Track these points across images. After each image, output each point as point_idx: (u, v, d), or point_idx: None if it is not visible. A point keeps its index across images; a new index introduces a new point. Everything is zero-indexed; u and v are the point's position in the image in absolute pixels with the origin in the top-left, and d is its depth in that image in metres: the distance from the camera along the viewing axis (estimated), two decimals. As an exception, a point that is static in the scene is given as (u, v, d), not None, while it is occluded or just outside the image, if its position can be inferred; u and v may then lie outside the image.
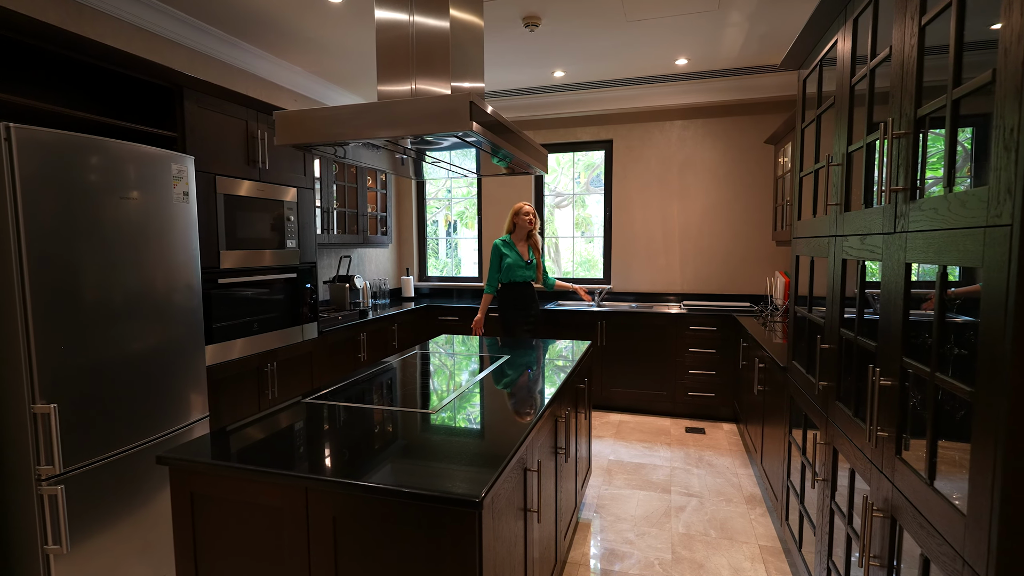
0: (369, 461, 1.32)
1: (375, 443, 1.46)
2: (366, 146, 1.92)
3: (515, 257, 3.74)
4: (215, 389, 2.58)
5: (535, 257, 3.79)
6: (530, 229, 3.76)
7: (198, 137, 2.50)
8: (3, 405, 1.77)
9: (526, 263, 3.75)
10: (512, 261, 3.73)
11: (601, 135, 4.79)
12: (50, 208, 1.77)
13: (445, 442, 1.46)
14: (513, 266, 3.74)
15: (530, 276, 3.78)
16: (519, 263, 3.75)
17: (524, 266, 3.76)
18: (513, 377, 2.16)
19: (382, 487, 1.17)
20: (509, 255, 3.75)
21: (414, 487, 1.16)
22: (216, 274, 2.61)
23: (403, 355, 2.53)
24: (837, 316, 1.67)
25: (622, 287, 4.85)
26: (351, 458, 1.36)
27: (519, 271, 3.75)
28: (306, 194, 3.25)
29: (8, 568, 1.83)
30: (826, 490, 1.74)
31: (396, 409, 1.71)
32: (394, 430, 1.55)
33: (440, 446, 1.43)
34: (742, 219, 4.50)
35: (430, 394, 1.94)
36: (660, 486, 3.03)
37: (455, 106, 1.52)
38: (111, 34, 2.64)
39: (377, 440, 1.48)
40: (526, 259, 3.75)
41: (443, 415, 1.66)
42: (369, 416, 1.67)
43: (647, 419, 4.21)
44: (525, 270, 3.76)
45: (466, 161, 2.33)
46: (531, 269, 3.77)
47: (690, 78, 4.22)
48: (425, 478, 1.23)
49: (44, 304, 1.76)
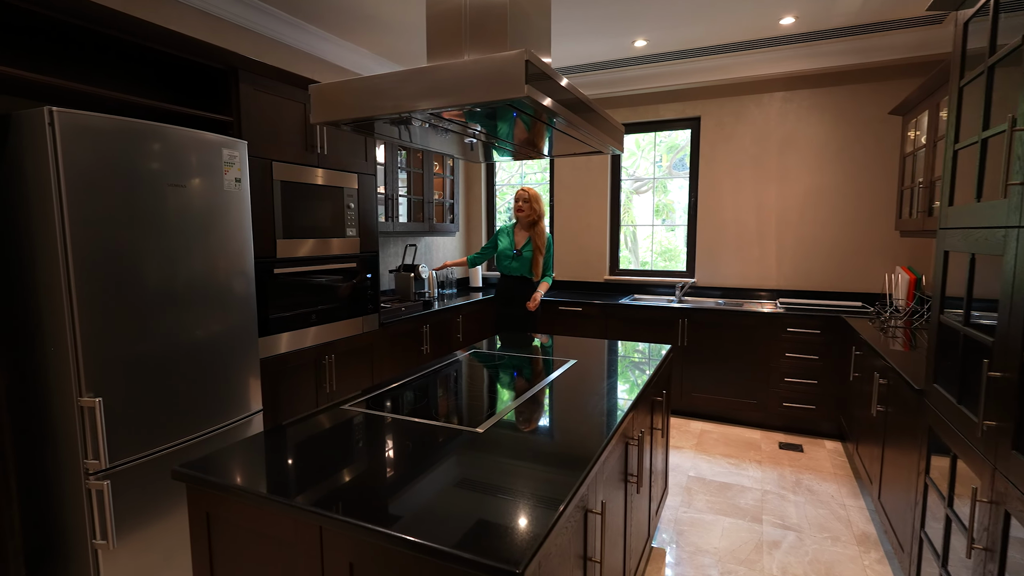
0: (397, 496, 1.10)
1: (408, 470, 1.24)
2: (433, 129, 1.70)
3: (506, 245, 3.47)
4: (270, 382, 2.51)
5: (533, 252, 3.41)
6: (524, 218, 3.40)
7: (254, 121, 2.40)
8: (54, 397, 1.74)
9: (514, 254, 3.42)
10: (502, 249, 3.47)
11: (687, 112, 4.31)
12: (95, 195, 1.70)
13: (489, 474, 1.21)
14: (500, 256, 3.48)
15: (515, 269, 3.46)
16: (507, 252, 3.45)
17: (511, 256, 3.43)
18: (578, 387, 1.87)
19: (403, 538, 0.94)
20: (502, 241, 3.50)
21: (441, 542, 0.92)
22: (272, 263, 2.52)
23: (460, 354, 2.32)
24: (1020, 335, 1.23)
25: (707, 281, 4.38)
26: (377, 491, 1.14)
27: (504, 261, 3.48)
28: (368, 180, 3.12)
29: (64, 559, 1.83)
30: (989, 564, 1.32)
31: (439, 424, 1.49)
32: (433, 453, 1.33)
33: (483, 480, 1.19)
34: (854, 204, 3.87)
35: (480, 406, 1.71)
36: (749, 513, 2.64)
37: (507, 67, 1.24)
38: (176, 19, 2.60)
39: (411, 465, 1.26)
40: (516, 249, 3.42)
41: (491, 436, 1.41)
42: (407, 431, 1.47)
43: (733, 430, 3.76)
44: (511, 261, 3.44)
45: (548, 145, 2.05)
46: (520, 262, 3.42)
47: (796, 41, 3.65)
48: (459, 526, 0.99)
49: (89, 294, 1.70)
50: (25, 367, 1.78)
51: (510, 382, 1.97)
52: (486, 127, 1.70)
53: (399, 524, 0.98)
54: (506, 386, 1.93)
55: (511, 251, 3.44)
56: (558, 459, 1.29)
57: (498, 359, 2.28)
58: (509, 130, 1.72)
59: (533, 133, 1.77)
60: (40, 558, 1.86)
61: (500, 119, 1.58)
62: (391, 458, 1.31)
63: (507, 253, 3.46)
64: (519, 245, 3.42)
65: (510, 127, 1.68)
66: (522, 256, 3.40)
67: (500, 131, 1.73)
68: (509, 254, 3.45)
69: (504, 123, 1.64)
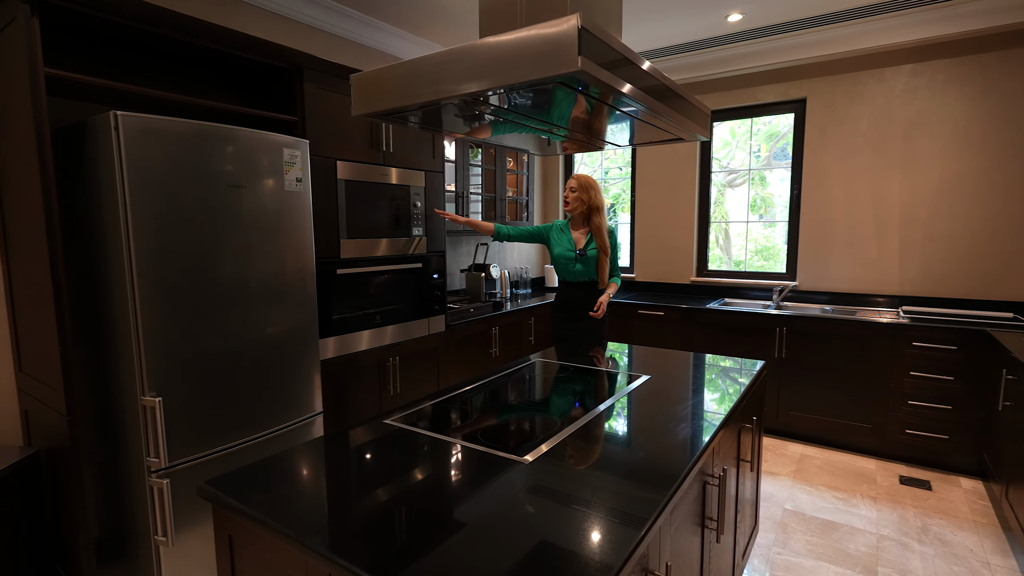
0: (421, 540, 0.94)
1: (441, 506, 1.08)
2: (507, 123, 1.55)
3: (565, 247, 2.79)
4: (333, 384, 2.49)
5: (598, 251, 2.73)
6: (573, 210, 2.75)
7: (318, 120, 2.38)
8: (123, 395, 1.79)
9: (576, 255, 2.75)
10: (559, 252, 2.80)
11: (790, 93, 3.82)
12: (156, 196, 1.72)
13: (531, 519, 1.02)
14: (558, 260, 2.81)
15: (581, 274, 2.77)
16: (567, 254, 2.77)
17: (573, 259, 2.75)
18: (647, 411, 1.63)
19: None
20: (558, 243, 2.81)
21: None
22: (335, 264, 2.50)
23: (524, 362, 2.14)
24: None
25: (811, 284, 3.86)
26: (398, 533, 1.00)
27: (565, 265, 2.79)
28: (435, 178, 3.03)
29: (132, 553, 1.89)
30: None
31: (482, 450, 1.32)
32: (471, 484, 1.17)
33: (523, 526, 1.00)
34: (1002, 196, 3.21)
35: (533, 429, 1.52)
36: (861, 562, 2.23)
37: (558, 38, 1.04)
38: (252, 23, 2.65)
39: (445, 501, 1.10)
40: (578, 250, 2.75)
41: (540, 467, 1.22)
42: (447, 454, 1.31)
43: (840, 456, 3.27)
44: (575, 264, 2.76)
45: (617, 133, 1.83)
46: (585, 265, 2.75)
47: (928, 2, 3.08)
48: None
49: (151, 293, 1.72)
50: (102, 365, 1.85)
51: (569, 400, 1.76)
52: (543, 113, 1.51)
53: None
54: (567, 403, 1.73)
55: (572, 252, 2.77)
56: (612, 508, 1.07)
57: (561, 371, 2.08)
58: (565, 115, 1.51)
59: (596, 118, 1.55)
60: (109, 551, 1.93)
61: (558, 103, 1.38)
62: (425, 488, 1.16)
63: (567, 255, 2.78)
64: (580, 245, 2.77)
65: (565, 111, 1.47)
66: (586, 257, 2.75)
67: (556, 116, 1.52)
68: (570, 256, 2.77)
69: (561, 107, 1.43)
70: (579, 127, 1.69)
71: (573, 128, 1.69)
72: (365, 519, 1.04)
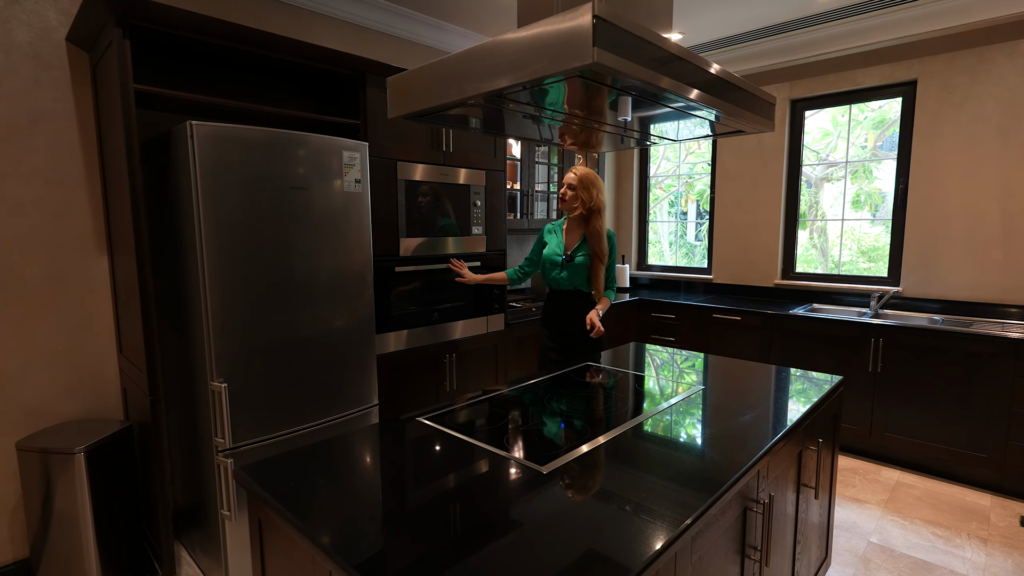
0: (420, 547, 0.94)
1: (455, 514, 1.07)
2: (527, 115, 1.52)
3: (552, 248, 2.42)
4: (390, 377, 2.57)
5: (589, 257, 2.34)
6: (569, 208, 2.35)
7: (379, 123, 2.46)
8: (195, 380, 1.97)
9: (562, 259, 2.37)
10: (547, 254, 2.43)
11: (897, 75, 3.39)
12: (226, 198, 1.87)
13: (525, 532, 0.98)
14: (545, 262, 2.43)
15: (564, 282, 2.39)
16: (553, 257, 2.40)
17: (559, 263, 2.37)
18: (687, 427, 1.51)
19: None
20: (549, 243, 2.45)
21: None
22: (394, 261, 2.58)
23: (572, 367, 2.08)
24: None
25: (918, 291, 3.41)
26: (398, 535, 1.00)
27: (547, 268, 2.42)
28: (496, 177, 3.04)
29: (203, 521, 2.07)
30: None
31: (506, 456, 1.30)
32: (491, 493, 1.15)
33: (531, 542, 0.96)
34: None
35: (557, 437, 1.47)
36: (957, 613, 1.93)
37: (569, 29, 0.98)
38: (323, 33, 2.80)
39: (458, 509, 1.09)
40: (565, 253, 2.38)
41: (558, 480, 1.18)
42: (469, 458, 1.30)
43: (945, 487, 2.87)
44: (559, 270, 2.37)
45: (694, 125, 1.73)
46: (571, 271, 2.36)
47: (1078, -41, 2.59)
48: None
49: (220, 288, 1.87)
50: (183, 351, 2.05)
51: (610, 408, 1.69)
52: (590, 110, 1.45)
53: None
54: (605, 411, 1.65)
55: (558, 255, 2.39)
56: (637, 529, 1.00)
57: (609, 376, 1.99)
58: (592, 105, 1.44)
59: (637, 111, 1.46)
60: (185, 519, 2.13)
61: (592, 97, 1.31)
62: (440, 492, 1.15)
63: (553, 259, 2.40)
64: (570, 248, 2.39)
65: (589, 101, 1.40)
66: (573, 263, 2.35)
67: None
68: (556, 259, 2.39)
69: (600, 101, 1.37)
70: (619, 121, 1.60)
71: (608, 120, 1.61)
72: (373, 520, 1.05)
